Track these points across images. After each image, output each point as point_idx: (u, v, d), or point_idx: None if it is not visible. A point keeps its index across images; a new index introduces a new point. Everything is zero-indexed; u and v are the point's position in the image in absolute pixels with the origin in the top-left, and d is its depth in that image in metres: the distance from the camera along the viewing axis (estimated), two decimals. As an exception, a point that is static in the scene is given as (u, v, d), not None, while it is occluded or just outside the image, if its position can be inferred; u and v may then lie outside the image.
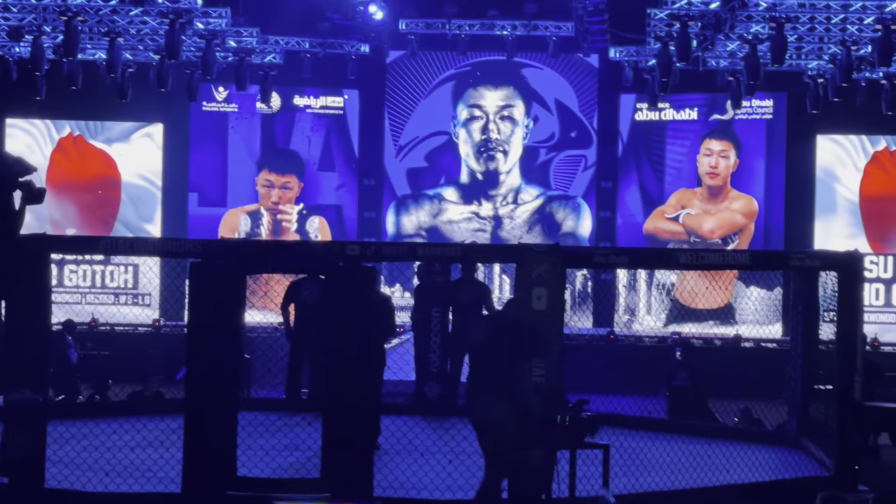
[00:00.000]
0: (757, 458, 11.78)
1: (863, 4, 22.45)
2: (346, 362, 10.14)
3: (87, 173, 28.58)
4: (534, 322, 10.27)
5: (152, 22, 24.19)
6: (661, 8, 22.93)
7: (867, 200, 27.59)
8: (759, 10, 22.62)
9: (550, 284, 10.60)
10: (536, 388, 10.29)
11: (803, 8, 22.70)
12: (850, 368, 11.26)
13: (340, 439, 10.08)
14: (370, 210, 29.43)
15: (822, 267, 11.98)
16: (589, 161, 29.27)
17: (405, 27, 27.23)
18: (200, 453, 10.06)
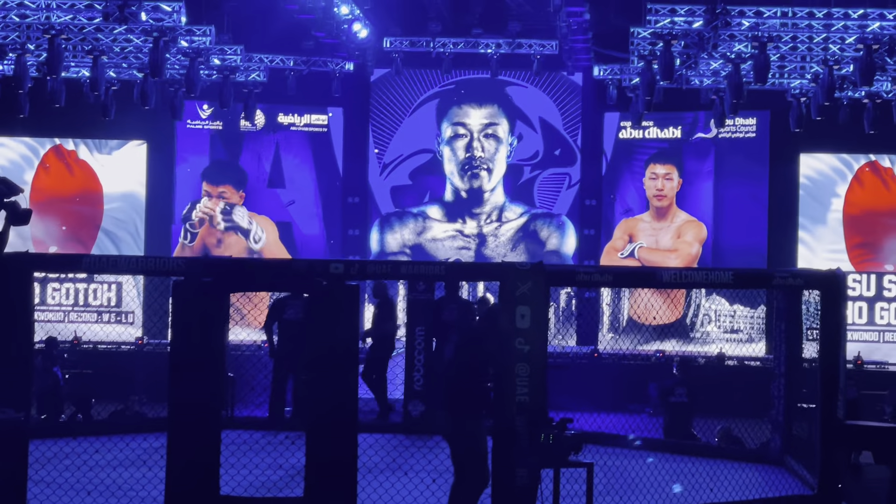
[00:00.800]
0: (741, 476, 11.79)
1: (844, 24, 22.54)
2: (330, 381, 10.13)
3: (70, 189, 28.50)
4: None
5: (136, 40, 24.19)
6: (645, 27, 22.99)
7: (850, 218, 27.67)
8: (741, 30, 22.70)
9: (534, 303, 10.60)
10: (519, 406, 10.30)
11: (786, 27, 22.78)
12: (833, 387, 11.28)
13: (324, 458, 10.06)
14: (354, 228, 29.41)
15: (805, 286, 12.00)
16: (573, 179, 29.30)
17: (389, 45, 27.25)
18: (183, 472, 10.04)
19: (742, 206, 27.99)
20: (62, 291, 28.03)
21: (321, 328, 10.25)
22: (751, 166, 28.02)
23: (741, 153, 28.13)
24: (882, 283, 27.36)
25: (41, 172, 28.41)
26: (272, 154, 29.12)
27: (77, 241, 28.15)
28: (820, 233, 27.72)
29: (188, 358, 10.19)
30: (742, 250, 27.67)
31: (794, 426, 12.96)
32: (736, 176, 28.13)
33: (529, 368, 10.41)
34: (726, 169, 28.24)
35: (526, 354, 10.42)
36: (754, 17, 22.46)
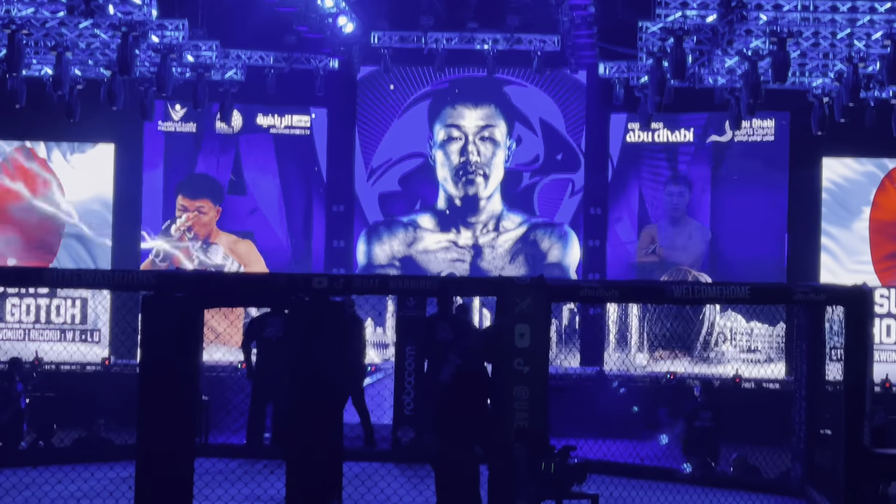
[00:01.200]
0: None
1: (870, 18, 22.54)
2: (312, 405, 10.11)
3: (32, 196, 28.47)
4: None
5: (103, 35, 24.13)
6: (655, 21, 22.98)
7: (877, 228, 27.67)
8: (759, 24, 22.70)
9: (534, 320, 10.60)
10: (518, 432, 10.30)
11: (807, 22, 22.78)
12: (858, 411, 11.27)
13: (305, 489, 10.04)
14: (339, 238, 29.40)
15: (828, 301, 12.00)
16: (576, 186, 29.32)
17: (377, 41, 27.23)
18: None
19: (760, 215, 28.00)
20: (22, 307, 27.98)
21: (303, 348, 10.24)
22: (769, 172, 28.04)
23: (759, 157, 28.16)
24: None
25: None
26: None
27: (39, 253, 28.11)
28: (844, 244, 27.73)
29: (159, 380, 10.17)
30: (759, 262, 27.67)
31: (816, 454, 12.95)
32: (753, 182, 28.14)
33: (529, 391, 10.41)
34: (743, 174, 28.26)
35: (525, 376, 10.42)
36: (773, 11, 22.45)
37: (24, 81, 25.23)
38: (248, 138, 29.15)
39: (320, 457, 10.07)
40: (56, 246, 28.35)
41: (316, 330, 10.20)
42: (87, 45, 24.75)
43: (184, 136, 28.90)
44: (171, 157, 28.89)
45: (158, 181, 28.78)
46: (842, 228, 27.79)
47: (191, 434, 10.45)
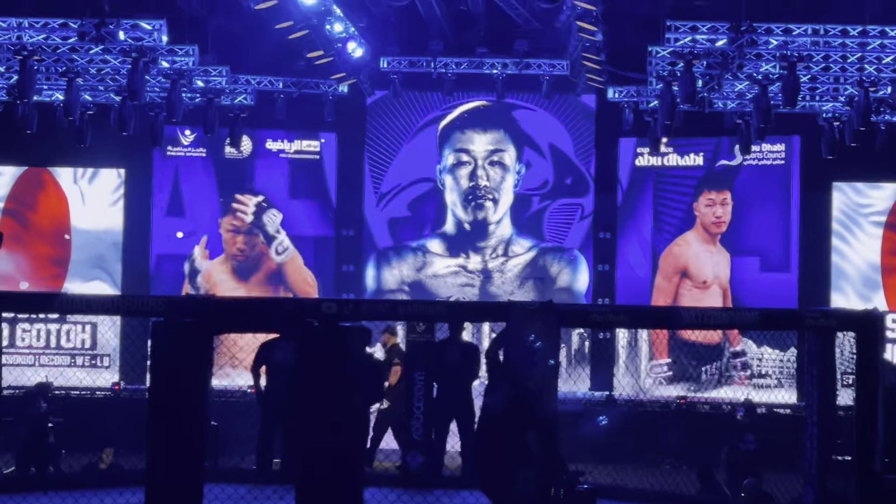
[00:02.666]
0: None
1: (881, 42, 22.58)
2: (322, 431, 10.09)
3: (43, 221, 28.53)
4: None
5: (114, 61, 24.24)
6: (664, 45, 23.03)
7: (888, 253, 27.62)
8: (769, 49, 22.73)
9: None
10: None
11: (817, 46, 22.81)
12: (870, 437, 11.22)
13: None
14: (348, 263, 29.40)
15: (839, 327, 11.95)
16: (586, 210, 29.30)
17: (387, 65, 27.28)
18: (163, 530, 9.99)
19: (770, 240, 27.96)
20: (33, 332, 28.00)
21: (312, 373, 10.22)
22: (779, 196, 27.99)
23: (768, 182, 28.12)
24: (924, 324, 27.36)
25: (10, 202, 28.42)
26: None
27: (49, 278, 28.14)
28: (855, 269, 27.67)
29: (168, 405, 10.16)
30: (770, 288, 27.62)
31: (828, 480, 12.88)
32: (763, 206, 28.10)
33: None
34: (752, 199, 28.21)
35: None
36: (783, 35, 22.50)
37: (36, 107, 25.30)
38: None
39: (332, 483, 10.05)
40: (66, 272, 28.36)
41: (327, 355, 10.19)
42: (98, 70, 24.85)
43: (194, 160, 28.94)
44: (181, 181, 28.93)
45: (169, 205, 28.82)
46: (851, 253, 27.72)
47: (200, 460, 10.42)
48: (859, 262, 27.71)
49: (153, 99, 26.00)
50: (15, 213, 28.38)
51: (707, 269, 28.39)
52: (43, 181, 28.61)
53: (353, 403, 10.87)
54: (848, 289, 27.48)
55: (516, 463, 10.04)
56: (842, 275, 27.65)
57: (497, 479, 10.08)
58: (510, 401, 10.34)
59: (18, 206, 28.48)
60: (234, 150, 28.55)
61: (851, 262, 27.71)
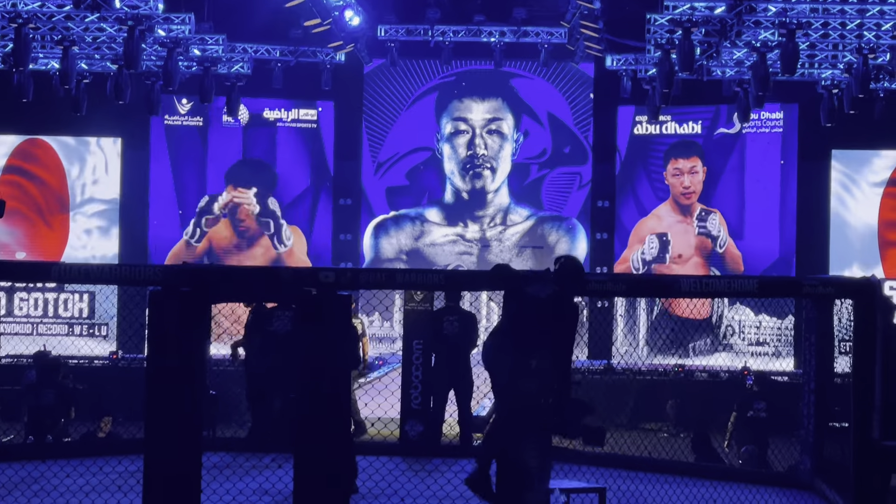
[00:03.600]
0: (767, 502, 11.78)
1: (880, 9, 22.53)
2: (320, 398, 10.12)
3: (40, 191, 28.52)
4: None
5: (110, 29, 24.19)
6: (662, 13, 22.98)
7: (886, 220, 27.64)
8: (767, 16, 22.69)
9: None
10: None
11: (816, 13, 22.77)
12: (867, 404, 11.25)
13: (314, 482, 10.04)
14: (346, 232, 29.42)
15: (837, 294, 11.97)
16: (584, 179, 29.31)
17: (384, 34, 27.25)
18: (161, 498, 10.02)
19: (768, 208, 27.98)
20: (30, 301, 28.04)
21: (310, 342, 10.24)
22: (777, 164, 28.00)
23: (767, 150, 28.12)
24: (921, 292, 27.36)
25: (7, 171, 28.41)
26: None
27: (47, 247, 28.15)
28: (853, 236, 27.69)
29: (166, 374, 10.17)
30: (768, 255, 27.67)
31: (825, 447, 12.93)
32: (761, 174, 28.12)
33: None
34: (751, 167, 28.23)
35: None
36: (781, 3, 22.45)
37: (31, 75, 25.26)
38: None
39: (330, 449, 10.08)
40: (64, 240, 28.37)
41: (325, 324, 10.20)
42: (94, 38, 24.79)
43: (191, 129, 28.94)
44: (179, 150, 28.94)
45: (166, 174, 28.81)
46: (850, 221, 27.74)
47: (198, 428, 10.44)
48: (858, 230, 27.72)
49: (149, 68, 25.96)
50: (12, 182, 28.35)
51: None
52: (40, 150, 28.57)
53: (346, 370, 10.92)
54: (846, 256, 27.49)
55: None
56: (840, 242, 27.66)
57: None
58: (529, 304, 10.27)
59: (16, 175, 28.45)
60: (231, 119, 28.53)
61: (850, 230, 27.73)
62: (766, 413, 19.33)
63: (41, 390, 19.02)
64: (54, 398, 18.85)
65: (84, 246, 28.33)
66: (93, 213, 28.49)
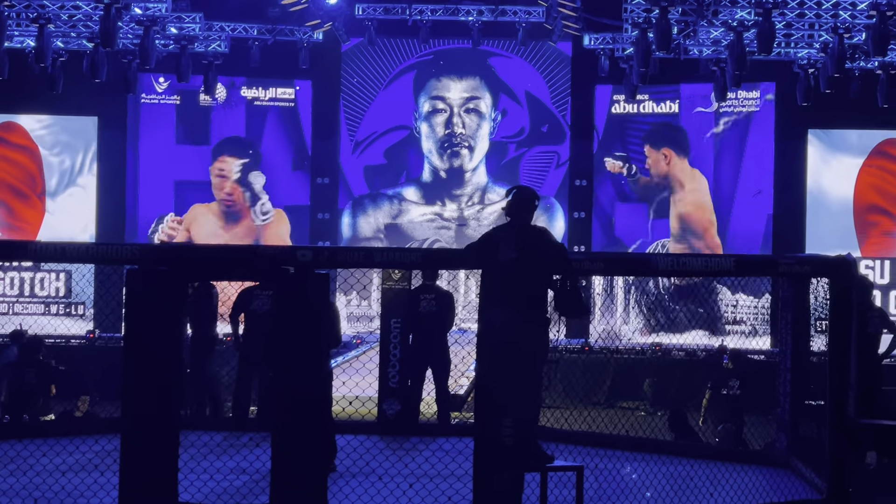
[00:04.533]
0: (744, 479, 11.82)
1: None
2: (298, 377, 10.11)
3: (15, 169, 28.40)
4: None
5: (86, 7, 24.07)
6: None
7: (861, 200, 27.73)
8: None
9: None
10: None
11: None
12: (843, 382, 11.29)
13: (291, 461, 10.04)
14: (324, 211, 29.38)
15: (813, 273, 11.99)
16: (562, 158, 29.33)
17: (362, 12, 27.15)
18: (138, 477, 10.01)
19: (745, 187, 28.05)
20: (6, 280, 27.95)
21: (288, 320, 10.23)
22: (754, 143, 28.06)
23: (744, 129, 28.18)
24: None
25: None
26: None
27: (22, 226, 28.05)
28: (830, 215, 27.76)
29: (143, 354, 10.15)
30: (745, 234, 27.73)
31: (801, 425, 12.97)
32: (738, 153, 28.17)
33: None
34: (728, 146, 28.28)
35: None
36: (758, -19, 22.48)
37: (6, 53, 25.12)
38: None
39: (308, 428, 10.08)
40: (40, 219, 28.28)
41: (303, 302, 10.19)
42: (70, 17, 24.66)
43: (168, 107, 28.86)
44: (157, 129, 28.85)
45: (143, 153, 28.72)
46: (827, 200, 27.82)
47: (176, 407, 10.44)
48: (834, 209, 27.79)
49: (126, 46, 25.85)
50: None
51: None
52: (15, 129, 28.44)
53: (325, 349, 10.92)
54: (823, 235, 27.56)
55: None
56: (817, 221, 27.73)
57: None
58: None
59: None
60: (208, 98, 28.45)
61: (826, 209, 27.80)
62: (740, 391, 19.40)
63: (23, 368, 18.97)
64: (36, 377, 18.81)
65: (60, 224, 28.22)
66: (69, 192, 28.38)
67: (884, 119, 26.94)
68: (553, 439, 13.35)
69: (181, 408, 11.32)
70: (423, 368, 15.46)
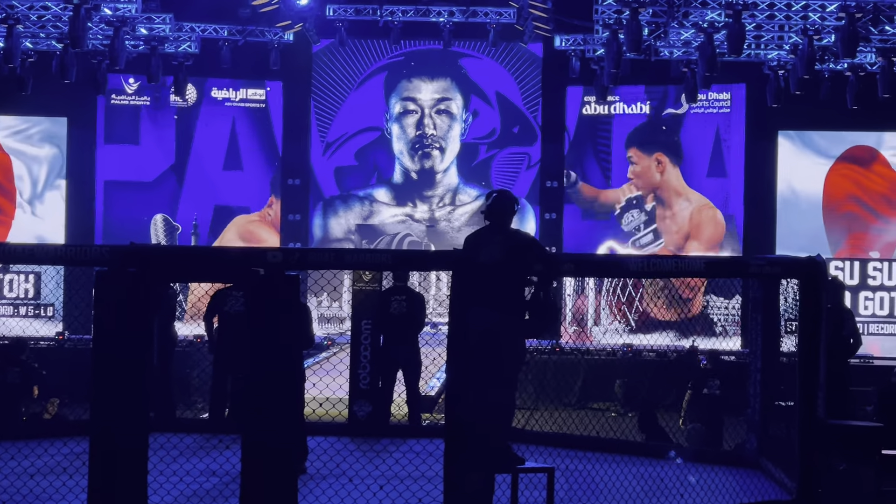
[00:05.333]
0: (714, 480, 11.84)
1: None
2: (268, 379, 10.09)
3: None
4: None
5: (55, 7, 23.98)
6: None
7: (831, 201, 27.82)
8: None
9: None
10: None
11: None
12: (812, 383, 11.32)
13: (262, 463, 10.02)
14: (295, 212, 29.32)
15: (783, 274, 12.03)
16: (533, 159, 29.34)
17: (333, 13, 27.13)
18: (107, 480, 9.97)
19: (715, 188, 28.12)
20: (-25, 283, 27.83)
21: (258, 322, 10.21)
22: (725, 144, 28.13)
23: (714, 130, 28.23)
24: (867, 271, 27.54)
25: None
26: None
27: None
28: (799, 217, 27.85)
29: (113, 355, 10.11)
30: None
31: (771, 426, 13.01)
32: (708, 154, 28.23)
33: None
34: (698, 147, 28.34)
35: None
36: (728, -17, 22.55)
37: (-27, 54, 25.01)
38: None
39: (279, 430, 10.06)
40: (8, 221, 28.17)
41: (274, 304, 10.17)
42: (39, 17, 24.57)
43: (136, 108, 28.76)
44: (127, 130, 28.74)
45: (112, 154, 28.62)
46: (796, 201, 27.90)
47: (145, 409, 10.40)
48: (804, 210, 27.87)
49: (96, 46, 25.76)
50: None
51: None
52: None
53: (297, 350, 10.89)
54: (792, 236, 27.64)
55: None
56: (787, 222, 27.82)
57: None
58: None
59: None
60: (178, 99, 28.37)
61: (796, 210, 27.88)
62: (719, 391, 19.45)
63: (6, 368, 18.93)
64: (19, 377, 18.77)
65: (30, 226, 28.10)
66: (39, 193, 28.25)
67: (853, 121, 27.04)
68: (524, 441, 13.34)
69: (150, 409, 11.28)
70: (393, 370, 15.45)
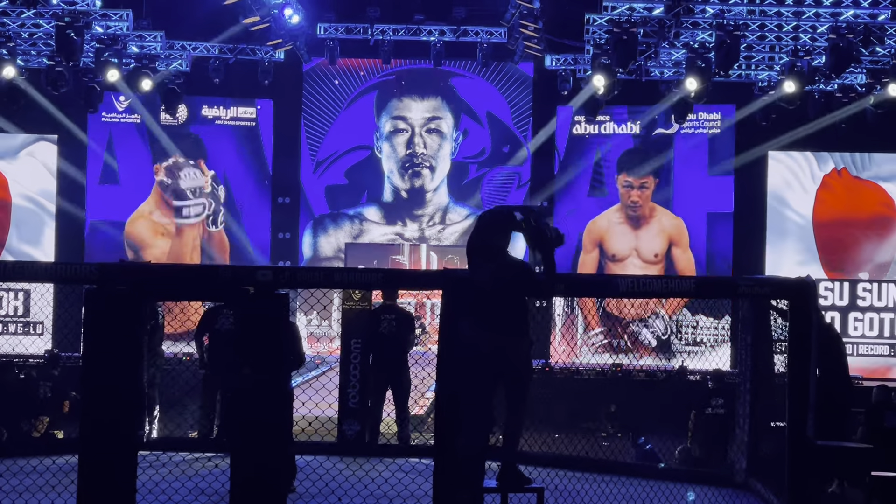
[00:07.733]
0: (703, 500, 11.83)
1: (816, 12, 22.74)
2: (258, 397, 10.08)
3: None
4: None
5: (46, 25, 23.99)
6: (601, 13, 23.08)
7: (821, 222, 27.86)
8: (705, 17, 22.83)
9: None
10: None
11: (753, 15, 22.95)
12: (802, 403, 11.32)
13: (251, 482, 10.00)
14: (284, 230, 29.32)
15: (773, 295, 12.03)
16: (523, 178, 29.35)
17: (324, 32, 27.18)
18: (96, 498, 9.95)
19: (705, 207, 28.13)
20: (-36, 300, 27.77)
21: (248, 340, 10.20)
22: (714, 164, 28.16)
23: (704, 150, 28.27)
24: (856, 292, 27.56)
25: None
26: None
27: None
28: (789, 237, 27.89)
29: (101, 374, 10.09)
30: (705, 255, 27.81)
31: (760, 446, 13.00)
32: (698, 174, 28.26)
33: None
34: (688, 166, 28.36)
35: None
36: (719, 4, 22.61)
37: (-35, 72, 25.01)
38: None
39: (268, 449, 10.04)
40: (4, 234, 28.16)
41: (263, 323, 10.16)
42: (30, 35, 24.59)
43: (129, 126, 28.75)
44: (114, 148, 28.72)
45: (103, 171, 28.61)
46: (786, 221, 27.93)
47: (134, 427, 10.38)
48: (794, 230, 27.91)
49: (87, 64, 25.76)
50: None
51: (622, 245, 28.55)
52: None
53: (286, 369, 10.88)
54: (783, 256, 27.68)
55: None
56: (777, 242, 27.85)
57: None
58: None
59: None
60: (169, 117, 28.36)
61: (786, 230, 27.91)
62: (724, 409, 19.44)
63: (39, 383, 19.01)
64: (52, 391, 18.85)
65: (19, 243, 28.06)
66: (29, 210, 28.22)
67: (842, 140, 27.10)
68: (515, 460, 13.31)
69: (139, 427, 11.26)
70: (383, 389, 15.42)
